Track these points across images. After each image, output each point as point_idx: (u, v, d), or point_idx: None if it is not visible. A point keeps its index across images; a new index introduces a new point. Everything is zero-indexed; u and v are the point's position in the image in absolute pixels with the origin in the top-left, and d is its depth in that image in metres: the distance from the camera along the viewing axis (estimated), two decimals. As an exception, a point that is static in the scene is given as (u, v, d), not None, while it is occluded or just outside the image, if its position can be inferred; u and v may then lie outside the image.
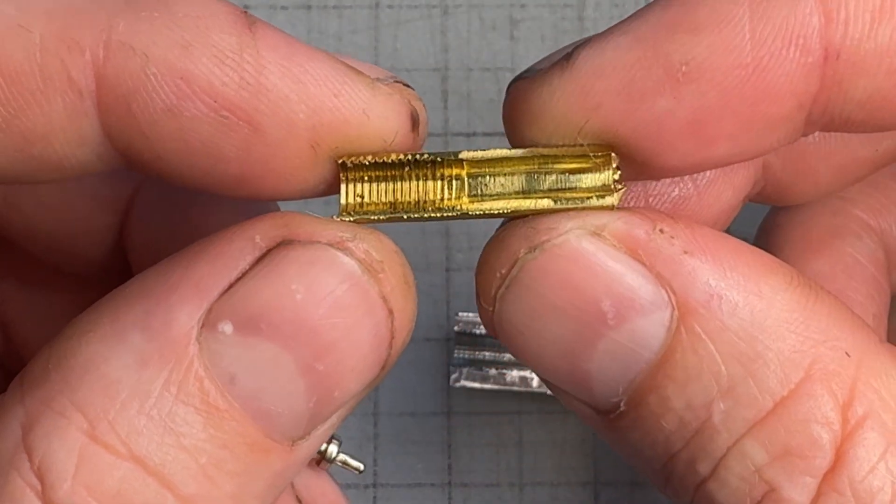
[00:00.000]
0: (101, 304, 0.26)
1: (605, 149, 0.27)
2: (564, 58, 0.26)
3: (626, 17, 0.27)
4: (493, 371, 0.41)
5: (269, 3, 0.45)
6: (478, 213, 0.27)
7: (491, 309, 0.27)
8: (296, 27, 0.45)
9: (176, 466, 0.25)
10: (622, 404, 0.26)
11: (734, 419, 0.25)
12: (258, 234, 0.26)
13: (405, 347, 0.28)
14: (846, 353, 0.25)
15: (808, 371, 0.25)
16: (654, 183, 0.30)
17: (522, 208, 0.27)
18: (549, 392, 0.41)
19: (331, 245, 0.26)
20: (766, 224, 0.36)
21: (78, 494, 0.24)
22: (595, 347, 0.26)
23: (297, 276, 0.25)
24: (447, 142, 0.44)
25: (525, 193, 0.27)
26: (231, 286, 0.25)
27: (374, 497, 0.42)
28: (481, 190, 0.27)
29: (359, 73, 0.27)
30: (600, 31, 0.44)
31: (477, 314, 0.41)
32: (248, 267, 0.25)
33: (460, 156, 0.27)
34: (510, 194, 0.27)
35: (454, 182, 0.27)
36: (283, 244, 0.26)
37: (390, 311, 0.26)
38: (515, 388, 0.41)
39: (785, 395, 0.25)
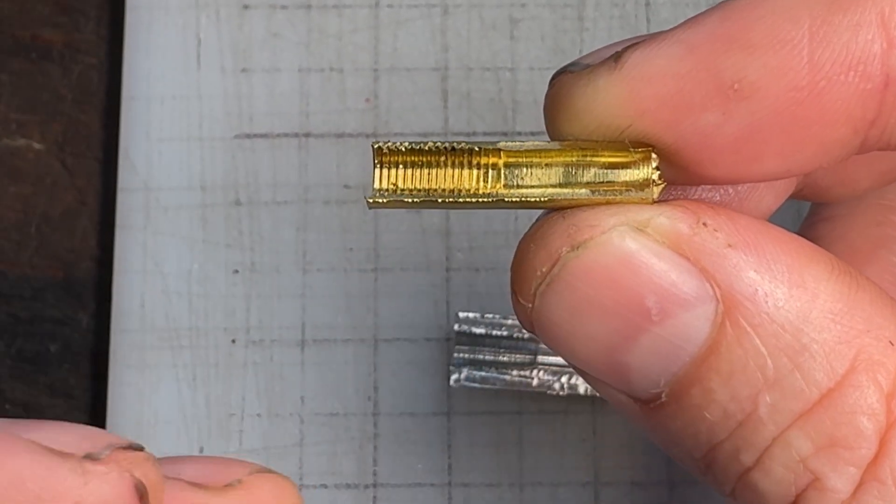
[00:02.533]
0: None
1: (645, 145, 0.26)
2: (613, 57, 0.26)
3: (680, 20, 0.27)
4: (493, 371, 0.41)
5: (268, 2, 0.45)
6: (514, 199, 0.27)
7: (530, 306, 0.27)
8: (296, 27, 0.45)
9: None
10: (663, 395, 0.26)
11: (780, 411, 0.25)
12: None
13: None
14: (890, 341, 0.26)
15: (854, 362, 0.25)
16: (694, 188, 0.30)
17: (560, 196, 0.26)
18: (549, 392, 0.41)
19: None
20: (804, 236, 0.36)
21: None
22: (637, 342, 0.26)
23: None
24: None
25: (562, 186, 0.27)
26: None
27: (374, 497, 0.42)
28: (517, 181, 0.27)
29: (62, 456, 0.24)
30: (600, 30, 0.44)
31: (477, 314, 0.41)
32: None
33: (498, 146, 0.27)
34: (547, 186, 0.27)
35: (490, 172, 0.27)
36: None
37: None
38: (516, 389, 0.41)
39: (831, 386, 0.25)
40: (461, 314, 0.41)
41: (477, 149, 0.27)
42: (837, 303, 0.26)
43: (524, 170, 0.27)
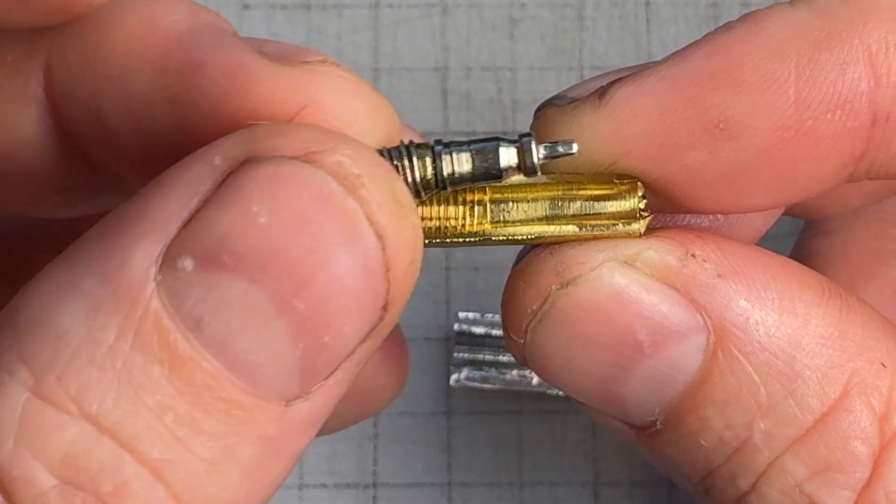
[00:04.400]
0: (59, 256, 0.23)
1: (631, 177, 0.26)
2: (598, 93, 0.26)
3: (657, 59, 0.26)
4: (492, 371, 0.41)
5: (268, 2, 0.45)
6: (501, 238, 0.26)
7: (521, 341, 0.27)
8: (295, 27, 0.45)
9: (137, 425, 0.21)
10: (658, 423, 0.26)
11: (775, 437, 0.25)
12: (218, 154, 0.23)
13: (412, 287, 0.24)
14: (882, 363, 0.26)
15: (847, 386, 0.25)
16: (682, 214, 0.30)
17: (547, 234, 0.26)
18: (549, 392, 0.41)
19: (296, 157, 0.22)
20: (803, 250, 0.36)
21: (20, 457, 0.21)
22: (630, 374, 0.26)
23: (258, 197, 0.22)
24: (447, 141, 0.44)
25: (549, 220, 0.26)
26: (192, 217, 0.22)
27: (374, 497, 0.42)
28: (504, 216, 0.27)
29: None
30: (600, 30, 0.44)
31: (477, 314, 0.41)
32: (208, 193, 0.22)
33: None
34: (533, 220, 0.27)
35: (476, 207, 0.27)
36: (246, 162, 0.22)
37: (379, 234, 0.23)
38: (515, 388, 0.41)
39: (825, 411, 0.25)
40: (461, 314, 0.41)
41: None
42: (829, 327, 0.26)
43: (510, 204, 0.27)
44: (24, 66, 0.26)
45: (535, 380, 0.41)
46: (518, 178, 0.26)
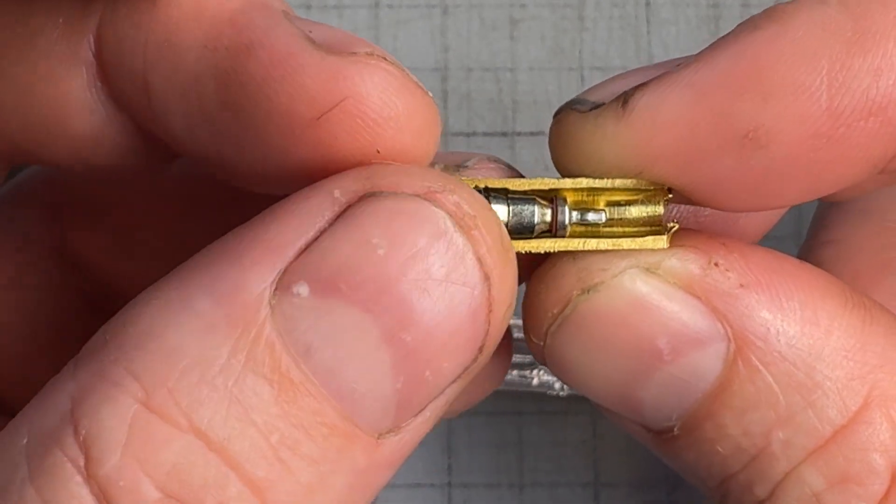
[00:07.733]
0: (169, 274, 0.24)
1: (659, 184, 0.26)
2: (621, 100, 0.25)
3: (685, 57, 0.26)
4: (492, 371, 0.41)
5: (268, 2, 0.45)
6: (523, 252, 0.26)
7: (542, 344, 0.27)
8: (295, 27, 0.45)
9: (243, 444, 0.22)
10: (676, 429, 0.26)
11: (793, 447, 0.25)
12: (338, 188, 0.23)
13: (504, 332, 0.25)
14: None
15: (867, 398, 0.25)
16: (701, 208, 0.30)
17: (569, 249, 0.26)
18: (549, 392, 0.41)
19: (417, 195, 0.23)
20: (808, 260, 0.35)
21: (128, 468, 0.22)
22: (649, 380, 0.26)
23: (379, 230, 0.23)
24: (447, 142, 0.44)
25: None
26: (308, 246, 0.23)
27: (374, 497, 0.42)
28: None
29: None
30: (600, 30, 0.44)
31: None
32: (326, 224, 0.23)
33: (505, 185, 0.26)
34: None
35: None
36: (367, 196, 0.23)
37: (486, 276, 0.23)
38: (515, 389, 0.41)
39: (844, 423, 0.25)
40: (461, 314, 0.41)
41: (483, 188, 0.26)
42: (850, 338, 0.25)
43: None
44: (76, 28, 0.26)
45: (536, 380, 0.41)
46: (540, 180, 0.26)
